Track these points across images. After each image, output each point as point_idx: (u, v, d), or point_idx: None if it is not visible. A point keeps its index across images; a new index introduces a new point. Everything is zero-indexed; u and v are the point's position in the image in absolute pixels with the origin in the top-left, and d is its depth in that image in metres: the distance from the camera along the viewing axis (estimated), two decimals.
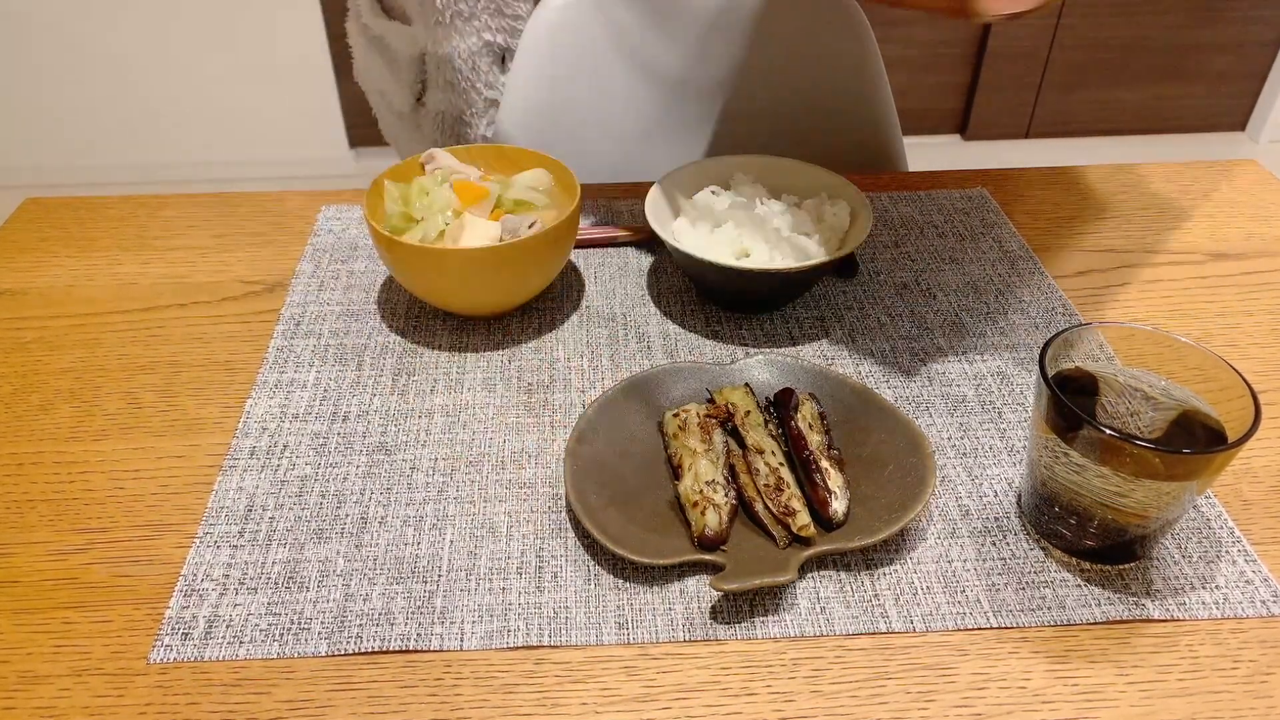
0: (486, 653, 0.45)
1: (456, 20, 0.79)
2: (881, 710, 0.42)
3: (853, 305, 0.67)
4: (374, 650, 0.45)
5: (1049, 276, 0.69)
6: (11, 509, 0.52)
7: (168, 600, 0.47)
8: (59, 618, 0.46)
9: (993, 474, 0.54)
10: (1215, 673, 0.44)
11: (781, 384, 0.57)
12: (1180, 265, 0.71)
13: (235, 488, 0.53)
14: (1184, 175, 0.82)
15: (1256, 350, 0.63)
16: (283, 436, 0.56)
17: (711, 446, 0.52)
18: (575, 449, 0.52)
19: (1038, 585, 0.48)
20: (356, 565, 0.49)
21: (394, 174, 0.65)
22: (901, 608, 0.46)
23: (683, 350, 0.63)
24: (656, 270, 0.70)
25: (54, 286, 0.69)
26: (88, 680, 0.43)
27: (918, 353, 0.62)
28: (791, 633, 0.45)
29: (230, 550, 0.49)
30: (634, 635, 0.45)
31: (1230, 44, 2.43)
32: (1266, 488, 0.53)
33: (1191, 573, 0.48)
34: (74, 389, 0.60)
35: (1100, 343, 0.49)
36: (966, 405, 0.58)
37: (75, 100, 2.23)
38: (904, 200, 0.78)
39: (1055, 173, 0.83)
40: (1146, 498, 0.44)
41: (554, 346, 0.63)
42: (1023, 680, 0.43)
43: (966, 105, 2.51)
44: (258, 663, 0.44)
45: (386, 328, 0.64)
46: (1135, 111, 2.53)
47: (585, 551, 0.49)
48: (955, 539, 0.50)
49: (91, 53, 2.17)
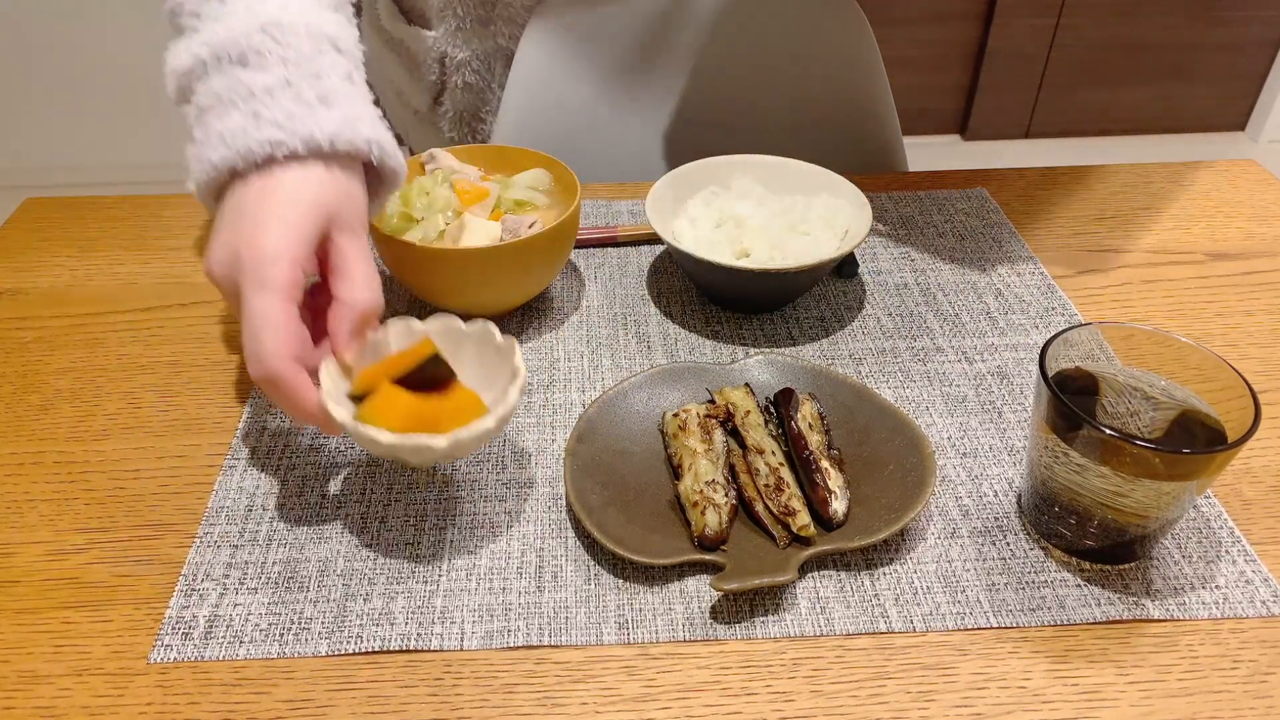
0: (486, 653, 0.45)
1: (475, 25, 0.80)
2: (881, 710, 0.42)
3: (853, 305, 0.67)
4: (374, 650, 0.45)
5: (1049, 276, 0.69)
6: (11, 509, 0.52)
7: (168, 600, 0.47)
8: (59, 618, 0.46)
9: (993, 474, 0.54)
10: (1215, 673, 0.44)
11: (781, 384, 0.57)
12: (1180, 265, 0.71)
13: (235, 488, 0.53)
14: (1184, 175, 0.82)
15: (1256, 350, 0.63)
16: (283, 436, 0.56)
17: (711, 446, 0.52)
18: (575, 449, 0.52)
19: (1038, 585, 0.48)
20: (356, 565, 0.49)
21: None
22: (901, 608, 0.46)
23: (683, 350, 0.63)
24: (656, 270, 0.70)
25: (54, 286, 0.69)
26: (88, 680, 0.43)
27: (918, 353, 0.62)
28: (791, 633, 0.45)
29: (230, 550, 0.49)
30: (634, 635, 0.45)
31: (1230, 44, 2.44)
32: (1266, 488, 0.53)
33: (1191, 573, 0.48)
34: (74, 389, 0.60)
35: (1100, 343, 0.49)
36: (966, 405, 0.58)
37: (75, 100, 2.23)
38: (904, 200, 0.78)
39: (1055, 173, 0.83)
40: (1146, 498, 0.44)
41: (554, 346, 0.63)
42: (1023, 680, 0.43)
43: (966, 105, 2.51)
44: (258, 663, 0.44)
45: None
46: (1135, 111, 2.53)
47: (585, 551, 0.49)
48: (955, 539, 0.50)
49: (91, 53, 2.17)
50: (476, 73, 0.83)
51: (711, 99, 0.84)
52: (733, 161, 0.71)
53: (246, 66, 0.48)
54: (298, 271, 0.46)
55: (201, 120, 0.49)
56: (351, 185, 0.50)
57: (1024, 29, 2.36)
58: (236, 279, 0.46)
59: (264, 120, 0.47)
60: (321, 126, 0.48)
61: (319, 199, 0.48)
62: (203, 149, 0.48)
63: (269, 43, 0.48)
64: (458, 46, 0.81)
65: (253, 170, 0.48)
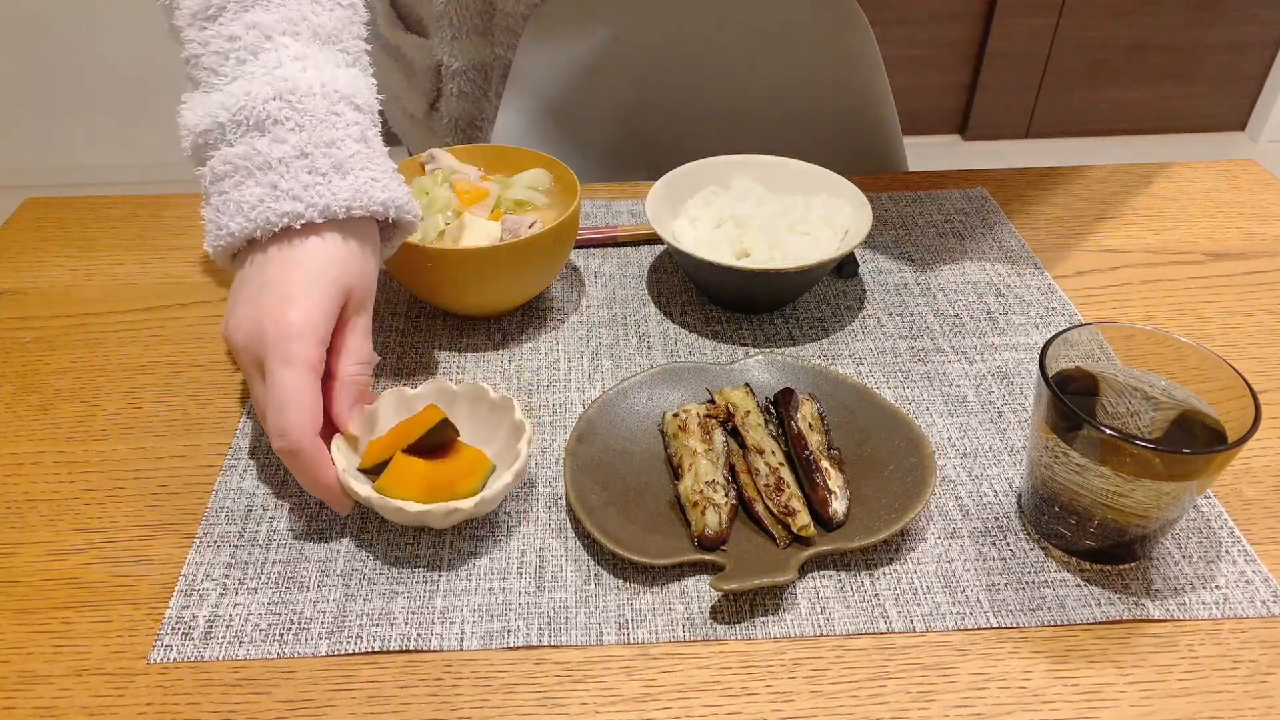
0: (486, 653, 0.45)
1: (472, 35, 0.80)
2: (881, 710, 0.42)
3: (853, 305, 0.67)
4: (374, 650, 0.45)
5: (1049, 276, 0.69)
6: (11, 509, 0.52)
7: (168, 600, 0.47)
8: (59, 618, 0.46)
9: (993, 474, 0.54)
10: (1215, 673, 0.44)
11: (781, 384, 0.57)
12: (1180, 265, 0.71)
13: (235, 488, 0.53)
14: (1184, 175, 0.82)
15: (1256, 350, 0.63)
16: None
17: (711, 446, 0.52)
18: (575, 449, 0.52)
19: (1038, 585, 0.48)
20: (356, 565, 0.49)
21: None
22: (901, 608, 0.46)
23: (683, 350, 0.63)
24: (656, 270, 0.70)
25: (54, 286, 0.69)
26: (88, 680, 0.43)
27: (918, 353, 0.62)
28: (791, 633, 0.45)
29: (230, 550, 0.49)
30: (634, 635, 0.45)
31: (1230, 44, 2.44)
32: (1266, 488, 0.53)
33: (1191, 573, 0.48)
34: (74, 389, 0.60)
35: (1100, 343, 0.49)
36: (966, 405, 0.58)
37: (75, 100, 2.23)
38: (904, 200, 0.78)
39: (1055, 173, 0.83)
40: (1146, 498, 0.44)
41: (554, 346, 0.63)
42: (1023, 680, 0.43)
43: (966, 105, 2.51)
44: (258, 663, 0.44)
45: (386, 328, 0.64)
46: (1135, 111, 2.53)
47: (585, 551, 0.49)
48: (955, 539, 0.50)
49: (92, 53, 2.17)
50: (472, 82, 0.83)
51: (711, 99, 0.84)
52: (733, 161, 0.71)
53: (263, 134, 0.49)
54: (322, 349, 0.48)
55: (218, 188, 0.50)
56: (365, 254, 0.51)
57: (1024, 29, 2.36)
58: (259, 351, 0.47)
59: (281, 192, 0.48)
60: (337, 196, 0.49)
61: (340, 277, 0.49)
62: (221, 216, 0.49)
63: (286, 110, 0.49)
64: (454, 56, 0.81)
65: (270, 239, 0.49)
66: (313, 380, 0.47)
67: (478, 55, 0.82)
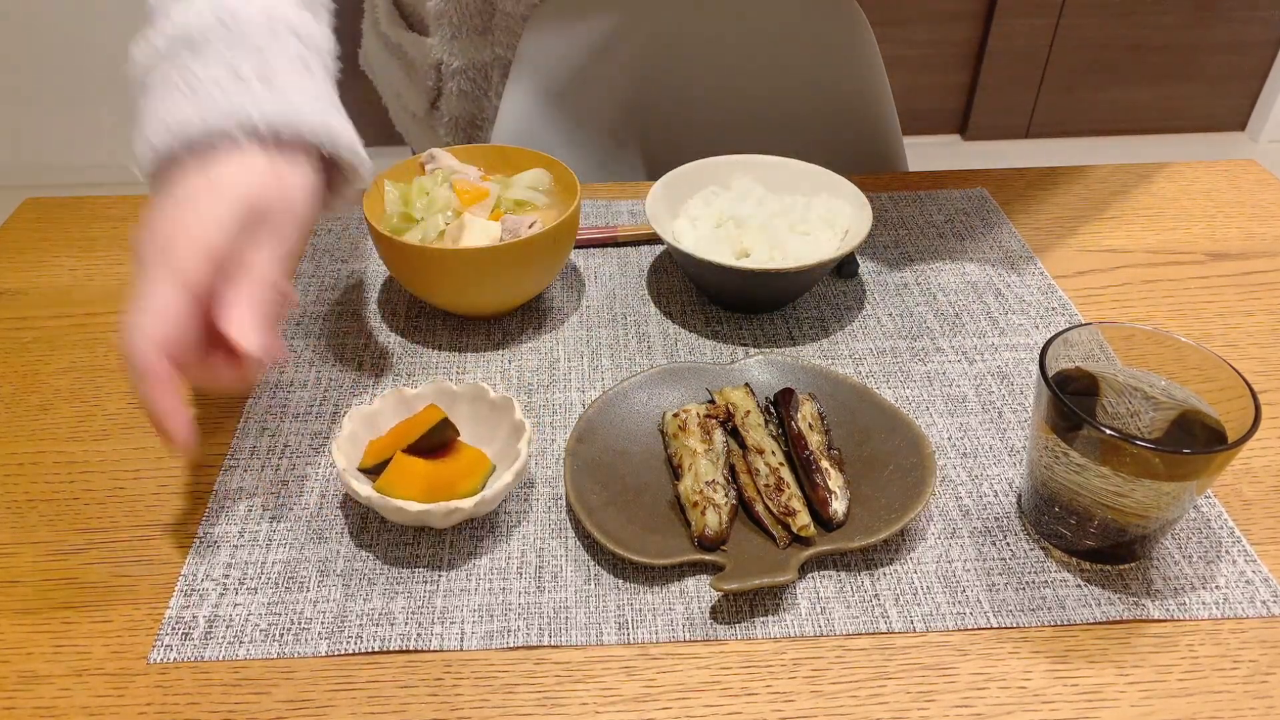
0: (486, 653, 0.45)
1: (472, 34, 0.80)
2: (881, 710, 0.42)
3: (853, 305, 0.67)
4: (374, 650, 0.45)
5: (1049, 276, 0.69)
6: (11, 509, 0.52)
7: (168, 600, 0.47)
8: (59, 618, 0.46)
9: (993, 474, 0.54)
10: (1215, 673, 0.44)
11: (781, 384, 0.57)
12: (1180, 265, 0.71)
13: (235, 488, 0.53)
14: (1184, 175, 0.82)
15: (1256, 350, 0.63)
16: (283, 436, 0.56)
17: (711, 446, 0.52)
18: (575, 449, 0.52)
19: (1038, 585, 0.48)
20: (356, 565, 0.49)
21: (394, 174, 0.65)
22: (901, 608, 0.46)
23: (683, 350, 0.63)
24: (656, 270, 0.70)
25: (54, 286, 0.69)
26: (88, 680, 0.43)
27: (918, 353, 0.62)
28: (791, 633, 0.45)
29: (230, 550, 0.49)
30: (634, 635, 0.45)
31: (1230, 44, 2.43)
32: (1266, 488, 0.53)
33: (1191, 573, 0.48)
34: (74, 389, 0.60)
35: (1100, 343, 0.49)
36: (966, 405, 0.58)
37: (75, 100, 2.23)
38: (904, 200, 0.78)
39: (1055, 173, 0.83)
40: (1146, 498, 0.44)
41: (554, 346, 0.63)
42: (1023, 680, 0.43)
43: (966, 105, 2.51)
44: (258, 663, 0.44)
45: (386, 328, 0.64)
46: (1135, 111, 2.53)
47: (585, 551, 0.49)
48: (955, 539, 0.50)
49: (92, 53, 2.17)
50: (472, 81, 0.83)
51: (711, 99, 0.84)
52: (733, 161, 0.71)
53: (196, 54, 0.47)
54: (203, 263, 0.44)
55: (146, 102, 0.47)
56: (290, 182, 0.47)
57: (1024, 29, 2.36)
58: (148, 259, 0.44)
59: (206, 108, 0.45)
60: (260, 106, 0.46)
61: (248, 195, 0.45)
62: (145, 130, 0.47)
63: (221, 31, 0.47)
64: (454, 55, 0.81)
65: (192, 157, 0.46)
66: (175, 291, 0.43)
67: (477, 55, 0.82)
